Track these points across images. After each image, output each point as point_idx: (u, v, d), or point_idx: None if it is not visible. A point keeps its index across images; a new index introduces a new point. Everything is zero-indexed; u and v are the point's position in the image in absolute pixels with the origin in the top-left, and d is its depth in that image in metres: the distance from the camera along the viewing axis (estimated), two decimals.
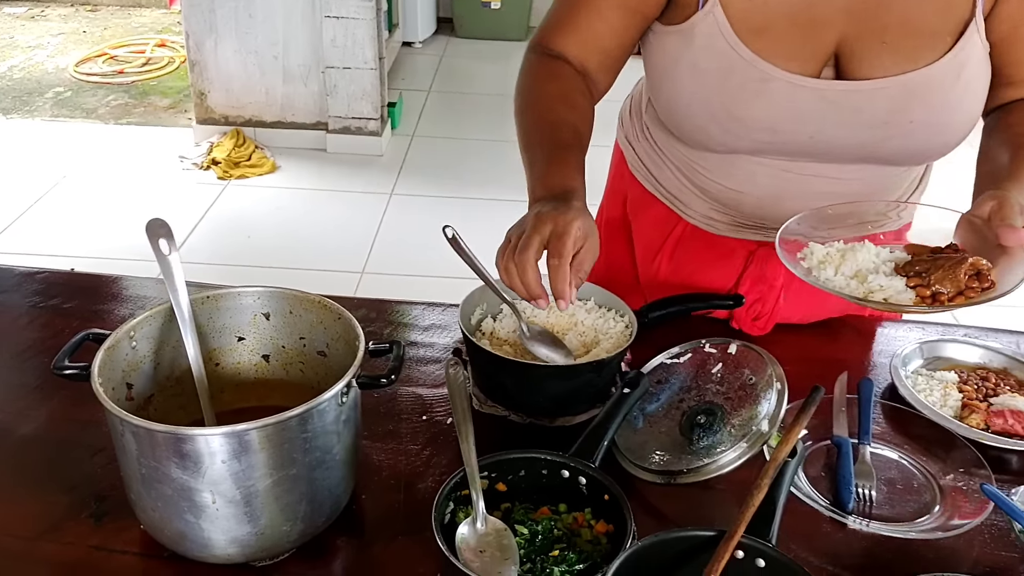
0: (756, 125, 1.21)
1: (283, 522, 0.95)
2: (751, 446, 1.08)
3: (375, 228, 3.80)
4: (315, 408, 0.92)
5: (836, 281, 1.10)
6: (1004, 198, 1.07)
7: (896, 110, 1.19)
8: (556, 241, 1.03)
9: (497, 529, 0.97)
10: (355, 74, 4.29)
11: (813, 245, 1.16)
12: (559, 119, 1.22)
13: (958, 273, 1.04)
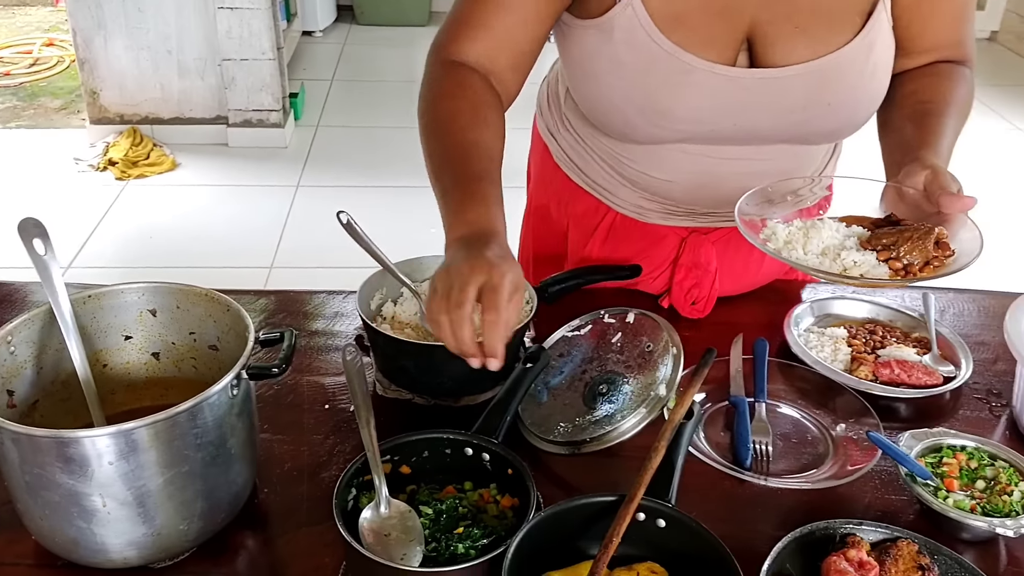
0: (681, 117, 1.22)
1: (180, 521, 0.93)
2: (650, 411, 1.10)
3: (282, 222, 3.73)
4: (205, 402, 0.90)
5: (810, 260, 1.11)
6: (936, 167, 1.10)
7: (813, 94, 1.21)
8: (491, 294, 0.94)
9: (401, 512, 0.97)
10: (253, 65, 4.20)
11: (773, 224, 1.17)
12: (471, 142, 1.14)
13: (927, 244, 1.07)
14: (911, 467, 1.04)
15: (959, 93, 1.25)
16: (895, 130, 1.24)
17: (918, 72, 1.28)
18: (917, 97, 1.25)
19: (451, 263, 0.98)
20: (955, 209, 1.07)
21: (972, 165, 1.27)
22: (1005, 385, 1.28)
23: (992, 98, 5.19)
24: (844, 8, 1.19)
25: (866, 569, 0.91)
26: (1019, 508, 1.01)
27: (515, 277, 0.96)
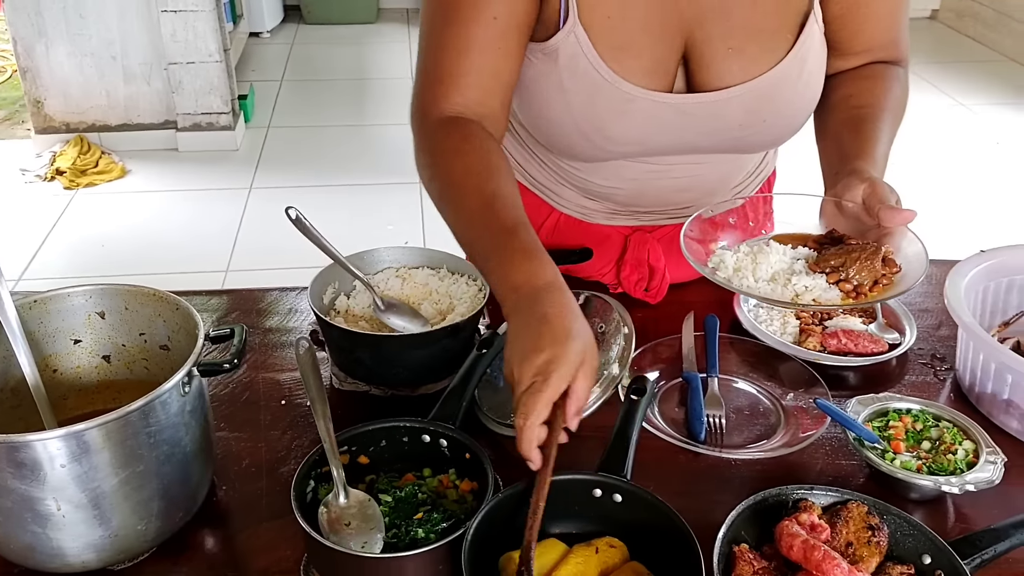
0: (623, 140, 1.23)
1: (137, 521, 0.93)
2: (604, 389, 1.11)
3: (236, 225, 3.70)
4: (156, 400, 0.90)
5: (761, 288, 1.11)
6: (873, 180, 1.11)
7: (750, 113, 1.21)
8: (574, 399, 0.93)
9: (360, 501, 0.97)
10: (200, 68, 4.16)
11: (721, 252, 1.18)
12: (492, 194, 1.08)
13: (875, 263, 1.08)
14: (859, 432, 1.07)
15: (893, 95, 1.26)
16: (832, 137, 1.25)
17: (853, 74, 1.29)
18: (852, 102, 1.25)
19: (513, 345, 0.94)
20: (895, 222, 1.08)
21: (917, 139, 1.30)
22: (948, 349, 1.31)
23: (934, 75, 5.30)
24: (776, 27, 1.18)
25: (818, 531, 0.93)
26: (963, 466, 1.04)
27: (570, 360, 0.92)
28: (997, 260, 1.29)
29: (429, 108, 1.16)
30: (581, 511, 0.99)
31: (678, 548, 0.91)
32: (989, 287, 1.29)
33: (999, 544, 0.94)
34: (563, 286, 0.99)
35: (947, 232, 3.51)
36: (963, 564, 0.90)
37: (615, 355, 1.15)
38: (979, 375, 1.18)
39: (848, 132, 1.22)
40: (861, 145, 1.19)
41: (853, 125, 1.22)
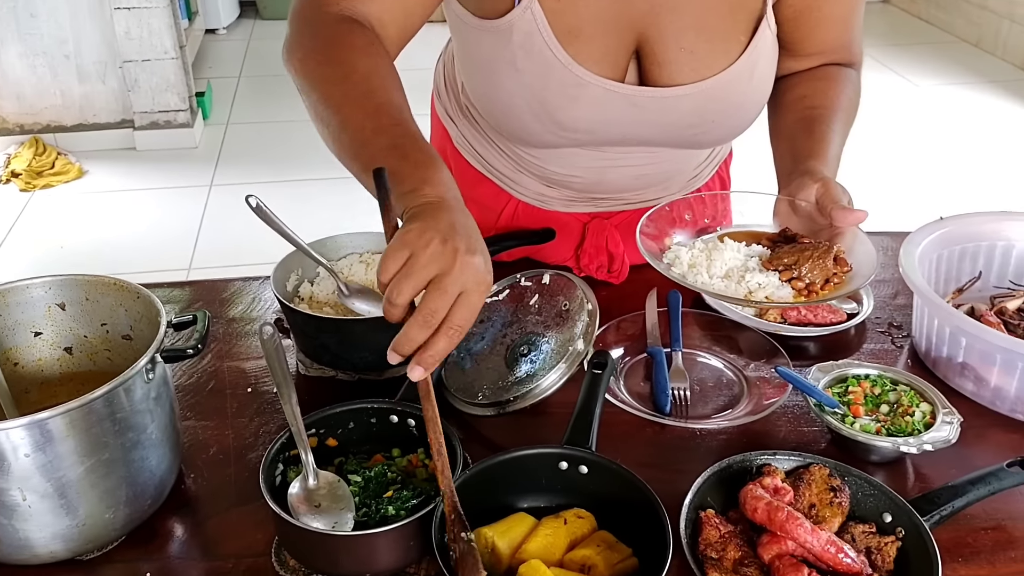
0: (573, 127, 1.23)
1: (104, 510, 0.92)
2: (569, 366, 1.12)
3: (197, 222, 3.67)
4: (120, 387, 0.89)
5: (716, 284, 1.12)
6: (826, 180, 1.13)
7: (699, 113, 1.22)
8: (463, 307, 0.84)
9: (329, 482, 0.97)
10: (156, 66, 4.11)
11: (676, 248, 1.18)
12: (402, 104, 1.03)
13: (827, 262, 1.09)
14: (819, 397, 1.09)
15: (846, 96, 1.27)
16: (786, 138, 1.26)
17: (807, 75, 1.30)
18: (806, 103, 1.26)
19: (429, 218, 0.87)
20: (847, 223, 1.10)
21: (872, 117, 1.32)
22: (905, 318, 1.34)
23: (888, 56, 5.38)
24: (728, 29, 1.18)
25: (781, 494, 0.95)
26: (921, 427, 1.07)
27: (484, 272, 0.86)
28: (949, 229, 1.32)
29: (330, 2, 1.09)
30: (548, 485, 1.00)
31: (645, 516, 0.93)
32: (943, 255, 1.32)
33: (957, 500, 0.97)
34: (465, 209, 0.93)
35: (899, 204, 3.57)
36: (923, 521, 0.93)
37: (579, 331, 1.16)
38: (934, 340, 1.21)
39: (801, 133, 1.23)
40: (814, 146, 1.20)
41: (806, 126, 1.23)
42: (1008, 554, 0.98)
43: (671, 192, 1.39)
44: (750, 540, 0.94)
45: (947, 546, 0.96)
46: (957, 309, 1.23)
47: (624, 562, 0.92)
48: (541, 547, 0.92)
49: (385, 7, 1.12)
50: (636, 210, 1.39)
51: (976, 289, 1.32)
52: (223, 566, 0.95)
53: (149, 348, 0.93)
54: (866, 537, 0.94)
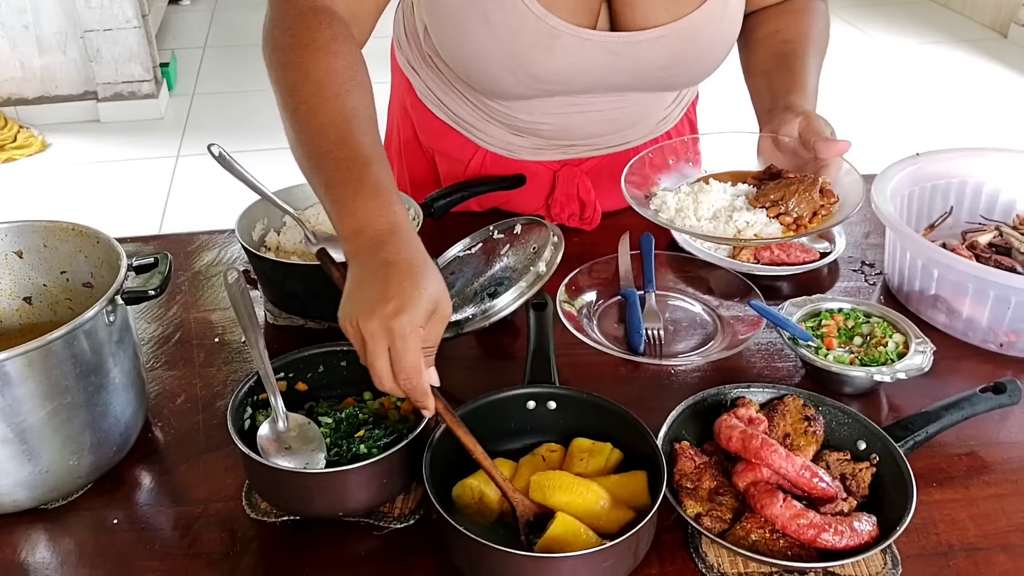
0: (548, 78, 1.20)
1: (68, 456, 0.90)
2: (530, 285, 1.09)
3: (165, 194, 3.61)
4: (80, 329, 0.87)
5: (704, 226, 1.11)
6: (808, 114, 1.12)
7: (675, 55, 1.20)
8: (400, 361, 0.85)
9: (300, 424, 0.96)
10: (118, 35, 4.02)
11: (662, 194, 1.17)
12: (351, 110, 0.99)
13: (813, 194, 1.09)
14: (792, 330, 1.09)
15: (817, 29, 1.26)
16: (762, 74, 1.25)
17: (777, 10, 1.29)
18: (778, 37, 1.25)
19: (352, 295, 0.88)
20: (831, 154, 1.09)
21: (830, 69, 1.31)
22: (878, 256, 1.34)
23: (844, 8, 5.44)
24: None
25: (755, 424, 0.95)
26: (894, 357, 1.07)
27: (436, 292, 0.86)
28: (920, 166, 1.31)
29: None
30: (518, 427, 0.99)
31: (618, 434, 0.93)
32: (914, 192, 1.31)
33: (931, 426, 0.97)
34: (410, 230, 0.91)
35: (863, 150, 3.59)
36: (897, 447, 0.93)
37: (544, 258, 1.13)
38: (907, 274, 1.21)
39: (778, 68, 1.22)
40: (792, 80, 1.19)
41: (782, 61, 1.22)
42: (982, 478, 0.98)
43: (640, 136, 1.38)
44: (725, 470, 0.94)
45: (922, 472, 0.96)
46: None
47: (610, 460, 0.93)
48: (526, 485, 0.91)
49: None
50: (606, 155, 1.37)
51: (947, 226, 1.32)
52: (192, 511, 0.94)
53: (109, 289, 0.90)
54: (841, 464, 0.94)
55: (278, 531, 0.92)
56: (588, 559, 0.80)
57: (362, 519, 0.92)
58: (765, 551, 0.86)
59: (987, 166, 1.33)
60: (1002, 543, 0.90)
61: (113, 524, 0.93)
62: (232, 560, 0.89)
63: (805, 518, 0.85)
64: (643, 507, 0.87)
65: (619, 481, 0.91)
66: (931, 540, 0.90)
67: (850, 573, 0.87)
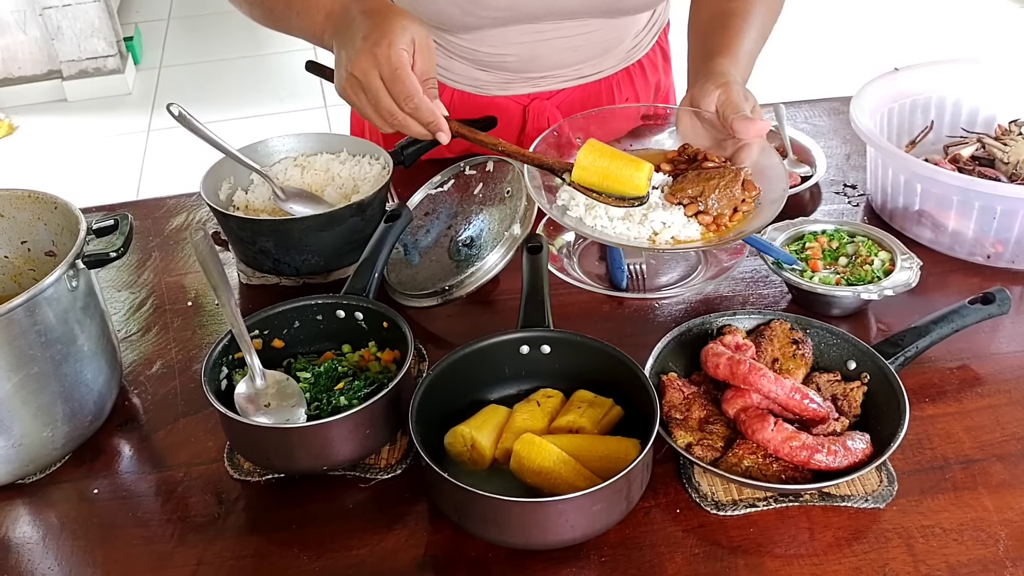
0: (493, 4, 1.17)
1: (41, 427, 0.88)
2: (507, 249, 1.08)
3: (138, 169, 3.55)
4: (41, 296, 0.84)
5: (616, 227, 1.00)
6: (727, 85, 1.01)
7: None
8: (395, 83, 0.95)
9: (278, 380, 0.93)
10: (78, 11, 3.93)
11: (569, 189, 1.02)
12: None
13: (733, 190, 0.99)
14: (776, 255, 1.06)
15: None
16: (699, 33, 1.17)
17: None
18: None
19: (340, 58, 0.98)
20: (749, 135, 0.99)
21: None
22: (859, 176, 1.31)
23: None
24: None
25: (743, 350, 0.93)
26: (881, 274, 1.05)
27: (405, 31, 0.94)
28: (899, 82, 1.29)
29: None
30: (512, 373, 0.97)
31: (614, 379, 0.91)
32: (894, 109, 1.29)
33: (920, 340, 0.95)
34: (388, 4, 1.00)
35: (842, 72, 3.57)
36: (887, 363, 0.91)
37: (518, 215, 1.11)
38: (890, 191, 1.18)
39: (715, 28, 1.13)
40: (725, 41, 1.10)
41: (721, 20, 1.14)
42: (975, 390, 0.97)
43: (610, 65, 1.34)
44: (714, 399, 0.92)
45: (914, 388, 0.95)
46: None
47: (609, 414, 0.90)
48: (522, 431, 0.88)
49: None
50: (577, 87, 1.34)
51: (929, 141, 1.30)
52: (174, 476, 0.92)
53: (69, 254, 0.87)
54: (831, 385, 0.92)
55: (263, 490, 0.90)
56: (577, 502, 0.78)
57: (348, 472, 0.90)
58: (759, 476, 0.84)
59: (966, 78, 1.31)
60: (998, 453, 0.89)
61: (94, 494, 0.90)
62: (218, 522, 0.87)
63: (797, 440, 0.84)
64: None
65: (614, 443, 0.87)
66: (926, 455, 0.89)
67: (845, 492, 0.85)
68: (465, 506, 0.80)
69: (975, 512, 0.83)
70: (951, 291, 1.10)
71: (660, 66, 1.42)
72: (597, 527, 0.81)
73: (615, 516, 0.82)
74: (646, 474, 0.84)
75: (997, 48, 4.05)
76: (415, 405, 0.86)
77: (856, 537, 0.82)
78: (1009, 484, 0.86)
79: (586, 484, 0.81)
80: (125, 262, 1.22)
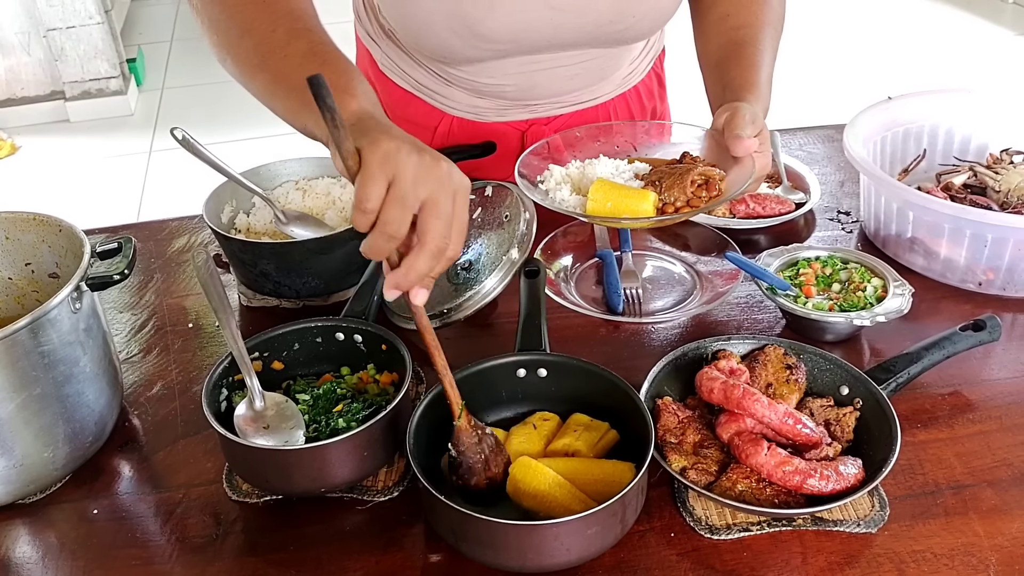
0: (495, 38, 1.18)
1: (43, 448, 0.89)
2: (505, 274, 1.09)
3: (139, 190, 3.57)
4: (45, 317, 0.85)
5: (570, 201, 1.08)
6: (736, 108, 1.06)
7: (618, 8, 1.18)
8: (459, 211, 0.80)
9: (277, 402, 0.94)
10: (82, 32, 3.96)
11: (552, 167, 1.15)
12: (324, 40, 0.96)
13: (684, 182, 1.04)
14: (770, 280, 1.08)
15: (770, 9, 1.22)
16: (715, 66, 1.20)
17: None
18: (729, 23, 1.21)
19: (386, 138, 0.79)
20: (738, 152, 1.04)
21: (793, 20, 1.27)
22: (853, 203, 1.33)
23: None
24: None
25: (737, 375, 0.94)
26: (873, 301, 1.06)
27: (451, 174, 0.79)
28: (892, 110, 1.30)
29: None
30: (509, 396, 0.98)
31: (610, 404, 0.92)
32: (887, 137, 1.31)
33: (912, 367, 0.96)
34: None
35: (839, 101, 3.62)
36: (879, 389, 0.92)
37: (517, 239, 1.12)
38: (883, 218, 1.20)
39: (730, 59, 1.17)
40: (744, 74, 1.14)
41: (735, 51, 1.17)
42: (966, 416, 0.98)
43: (607, 91, 1.36)
44: (709, 424, 0.93)
45: (906, 414, 0.96)
46: None
47: (604, 438, 0.91)
48: (518, 454, 0.89)
49: None
50: (575, 112, 1.35)
51: (922, 169, 1.32)
52: (173, 496, 0.92)
53: (73, 276, 0.88)
54: (824, 410, 0.94)
55: (261, 511, 0.91)
56: (572, 525, 0.78)
57: (345, 494, 0.91)
58: (752, 500, 0.85)
59: (958, 107, 1.33)
60: (988, 479, 0.90)
61: (94, 515, 0.91)
62: (216, 543, 0.87)
63: (790, 465, 0.85)
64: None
65: (610, 467, 0.88)
66: (918, 480, 0.90)
67: (838, 517, 0.86)
68: (461, 528, 0.81)
69: (966, 537, 0.84)
70: (943, 318, 1.12)
71: (656, 92, 1.44)
72: (592, 550, 0.82)
73: (610, 540, 0.82)
74: (641, 498, 0.85)
75: (990, 76, 4.08)
76: (412, 427, 0.87)
77: (848, 562, 0.83)
78: (999, 510, 0.87)
79: (581, 507, 0.82)
80: (127, 284, 1.23)
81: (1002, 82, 3.96)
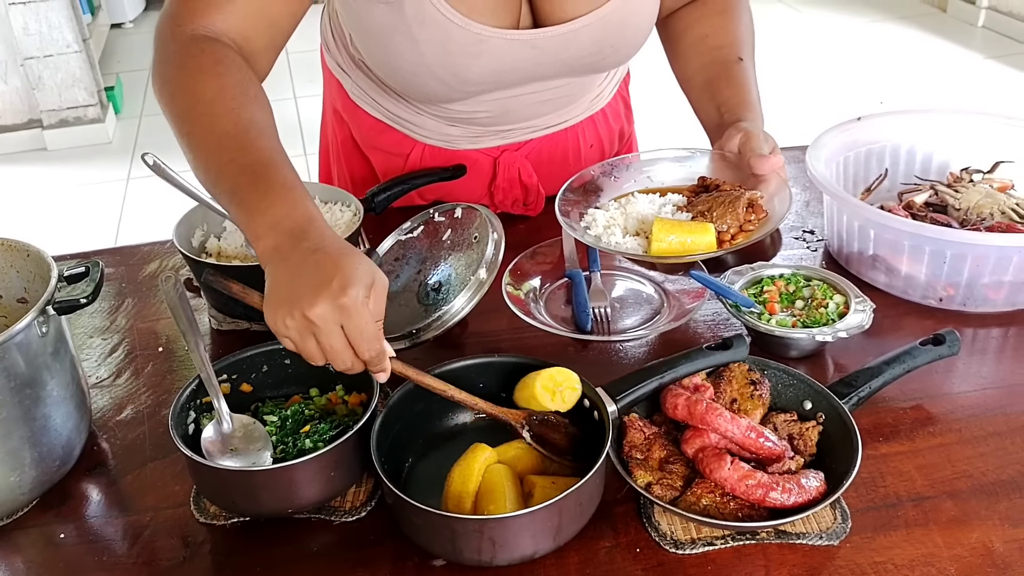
0: (479, 80, 1.20)
1: (9, 472, 0.89)
2: (473, 294, 1.10)
3: (116, 218, 3.57)
4: (11, 341, 0.85)
5: (628, 244, 1.14)
6: (749, 130, 1.14)
7: (598, 41, 1.20)
8: (348, 319, 0.84)
9: (244, 424, 0.95)
10: (59, 61, 3.97)
11: (593, 212, 1.20)
12: (247, 122, 0.97)
13: (737, 208, 1.10)
14: (735, 298, 1.09)
15: (744, 24, 1.27)
16: (704, 89, 1.26)
17: (702, 10, 1.29)
18: (709, 43, 1.26)
19: (283, 291, 0.86)
20: (764, 169, 1.12)
21: (763, 43, 1.31)
22: (818, 223, 1.35)
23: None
24: None
25: (702, 391, 0.95)
26: (835, 317, 1.08)
27: (362, 280, 0.84)
28: (854, 131, 1.33)
29: (183, 20, 1.05)
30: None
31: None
32: (849, 157, 1.33)
33: (874, 381, 0.98)
34: (325, 222, 0.90)
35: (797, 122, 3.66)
36: (841, 403, 0.94)
37: (486, 259, 1.13)
38: (845, 237, 1.22)
39: (719, 80, 1.23)
40: (738, 94, 1.21)
41: (722, 71, 1.23)
42: (927, 429, 0.99)
43: (576, 114, 1.38)
44: (675, 440, 0.94)
45: (868, 428, 0.98)
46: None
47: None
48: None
49: (248, 23, 1.06)
50: (545, 136, 1.37)
51: (884, 188, 1.34)
52: (141, 520, 0.92)
53: (39, 301, 0.89)
54: (788, 425, 0.95)
55: (228, 533, 0.91)
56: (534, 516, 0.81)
57: (313, 515, 0.91)
58: (716, 514, 0.86)
59: (919, 128, 1.35)
60: (948, 490, 0.91)
61: (61, 539, 0.91)
62: (184, 566, 0.88)
63: (753, 478, 0.86)
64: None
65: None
66: (879, 492, 0.91)
67: (801, 530, 0.87)
68: (428, 528, 0.84)
69: (926, 548, 0.85)
70: (905, 333, 1.13)
71: (623, 114, 1.47)
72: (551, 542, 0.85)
73: (574, 528, 0.85)
74: (599, 484, 0.87)
75: (959, 99, 4.15)
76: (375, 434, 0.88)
77: (811, 574, 0.84)
78: (959, 521, 0.88)
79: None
80: (99, 308, 1.24)
81: (963, 102, 4.03)
